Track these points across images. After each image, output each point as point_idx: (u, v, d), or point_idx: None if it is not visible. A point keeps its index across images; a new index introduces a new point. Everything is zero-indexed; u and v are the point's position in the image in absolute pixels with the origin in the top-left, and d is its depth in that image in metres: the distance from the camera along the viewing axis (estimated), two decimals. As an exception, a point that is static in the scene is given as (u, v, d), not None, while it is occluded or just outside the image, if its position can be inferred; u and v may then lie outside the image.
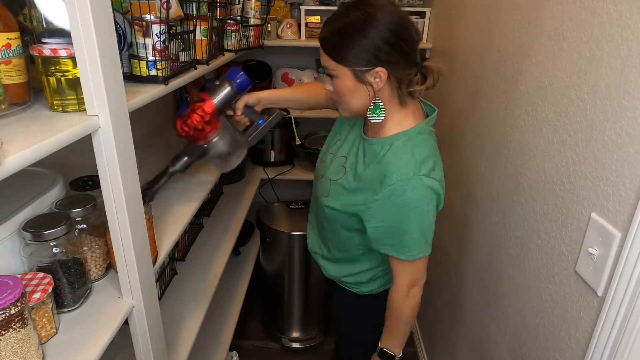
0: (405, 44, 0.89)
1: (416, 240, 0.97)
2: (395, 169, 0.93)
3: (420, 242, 0.97)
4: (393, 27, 0.87)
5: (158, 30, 0.89)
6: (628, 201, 0.71)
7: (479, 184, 1.38)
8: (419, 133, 0.98)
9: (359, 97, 0.93)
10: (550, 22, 0.97)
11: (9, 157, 0.53)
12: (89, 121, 0.68)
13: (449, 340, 1.66)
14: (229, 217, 1.84)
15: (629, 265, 0.69)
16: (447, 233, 1.71)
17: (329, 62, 0.92)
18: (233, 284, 1.95)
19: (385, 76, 0.90)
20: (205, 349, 1.60)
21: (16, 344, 0.65)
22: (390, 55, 0.88)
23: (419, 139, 0.97)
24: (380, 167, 0.96)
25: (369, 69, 0.89)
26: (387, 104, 0.95)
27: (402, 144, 0.96)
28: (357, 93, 0.93)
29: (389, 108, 0.96)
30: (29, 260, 0.77)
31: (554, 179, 0.94)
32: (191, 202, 1.22)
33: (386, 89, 0.93)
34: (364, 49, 0.87)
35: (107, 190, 0.75)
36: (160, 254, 0.97)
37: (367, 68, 0.89)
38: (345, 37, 0.88)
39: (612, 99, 0.76)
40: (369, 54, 0.87)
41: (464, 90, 1.57)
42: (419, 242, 0.97)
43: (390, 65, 0.89)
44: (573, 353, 0.86)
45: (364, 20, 0.86)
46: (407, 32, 0.90)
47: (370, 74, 0.90)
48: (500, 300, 1.20)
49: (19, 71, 0.68)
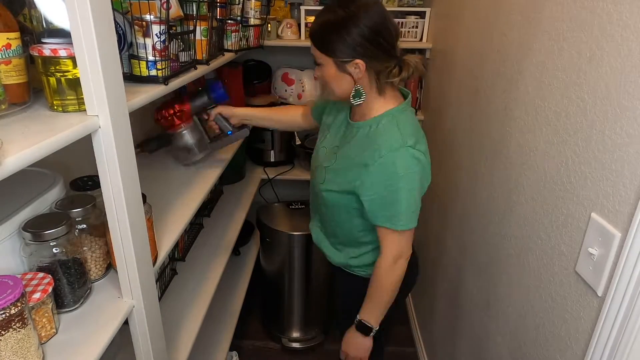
0: (384, 41, 1.00)
1: (405, 210, 1.05)
2: (383, 143, 1.03)
3: (409, 212, 1.05)
4: (373, 26, 0.98)
5: (158, 30, 0.89)
6: (628, 201, 0.71)
7: (479, 184, 1.38)
8: (400, 111, 1.08)
9: (341, 84, 1.06)
10: (550, 22, 0.97)
11: (9, 157, 0.53)
12: (89, 121, 0.68)
13: (449, 340, 1.66)
14: (229, 217, 1.84)
15: (629, 265, 0.69)
16: (447, 233, 1.71)
17: (316, 51, 1.05)
18: (233, 284, 1.95)
19: (364, 68, 1.01)
20: (205, 349, 1.60)
21: (16, 344, 0.65)
22: (369, 49, 1.00)
23: (402, 116, 1.07)
24: (369, 143, 1.06)
25: (349, 61, 1.01)
26: (368, 91, 1.07)
27: (388, 121, 1.06)
28: (339, 80, 1.05)
29: (370, 95, 1.07)
30: (29, 260, 0.77)
31: (554, 179, 0.94)
32: (191, 202, 1.22)
33: (365, 78, 1.04)
34: (345, 43, 0.99)
35: (107, 190, 0.75)
36: (160, 254, 0.97)
37: (347, 59, 1.01)
38: (330, 31, 1.00)
39: (612, 99, 0.76)
40: (350, 47, 0.99)
41: (464, 90, 1.57)
42: (408, 212, 1.05)
43: (369, 58, 1.01)
44: (573, 353, 0.86)
45: (348, 17, 0.98)
46: (386, 30, 1.00)
47: (350, 64, 1.01)
48: (500, 300, 1.20)
49: (19, 71, 0.68)
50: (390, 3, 2.16)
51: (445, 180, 1.76)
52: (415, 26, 2.13)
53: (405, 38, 2.16)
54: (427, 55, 2.14)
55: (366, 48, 0.99)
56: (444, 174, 1.79)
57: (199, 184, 1.33)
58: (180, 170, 1.42)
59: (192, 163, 1.39)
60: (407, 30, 2.15)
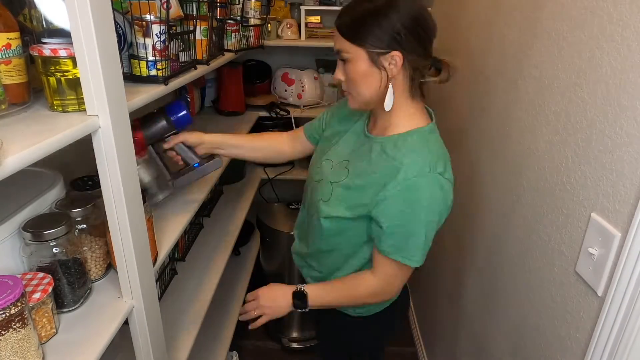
0: (424, 33, 0.89)
1: (423, 245, 0.93)
2: (412, 164, 0.90)
3: (422, 248, 0.94)
4: (414, 15, 0.87)
5: (158, 30, 0.88)
6: (628, 201, 0.71)
7: (479, 184, 1.38)
8: (431, 132, 0.96)
9: (371, 83, 0.91)
10: (550, 22, 0.97)
11: (9, 157, 0.53)
12: (89, 121, 0.68)
13: (449, 340, 1.66)
14: (229, 217, 1.84)
15: (629, 265, 0.69)
16: (447, 233, 1.71)
17: (344, 44, 0.90)
18: (233, 284, 1.94)
19: (401, 62, 0.88)
20: (205, 349, 1.60)
21: (16, 344, 0.65)
22: (408, 40, 0.87)
23: (432, 138, 0.96)
24: (394, 163, 0.92)
25: (386, 52, 0.88)
26: (399, 94, 0.93)
27: (417, 140, 0.94)
28: (369, 78, 0.91)
29: (400, 100, 0.94)
30: (29, 260, 0.77)
31: (554, 179, 0.94)
32: (191, 202, 1.22)
33: (400, 76, 0.91)
34: (383, 30, 0.86)
35: (107, 190, 0.75)
36: (160, 254, 0.97)
37: (383, 50, 0.88)
38: (366, 18, 0.87)
39: (612, 99, 0.76)
40: (388, 35, 0.86)
41: (464, 91, 1.57)
42: (420, 248, 0.93)
43: (407, 51, 0.88)
44: (573, 353, 0.86)
45: (387, 4, 0.87)
46: (426, 22, 0.90)
47: (386, 57, 0.88)
48: (500, 300, 1.20)
49: (19, 71, 0.68)
50: (390, 3, 2.16)
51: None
52: (415, 26, 2.13)
53: (405, 38, 2.16)
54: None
55: (405, 38, 0.87)
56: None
57: (198, 184, 1.33)
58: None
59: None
60: (407, 30, 2.15)
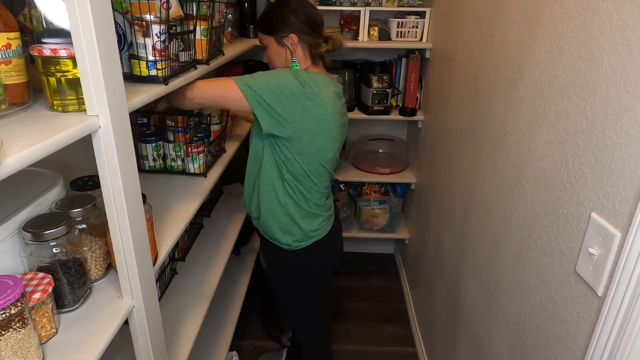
0: (309, 19, 1.28)
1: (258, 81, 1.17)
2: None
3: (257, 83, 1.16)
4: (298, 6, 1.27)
5: (158, 30, 0.89)
6: (628, 201, 0.71)
7: (479, 184, 1.38)
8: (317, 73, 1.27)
9: (281, 57, 1.31)
10: (550, 22, 0.97)
11: (9, 157, 0.53)
12: (89, 121, 0.68)
13: (449, 340, 1.66)
14: (229, 217, 1.84)
15: (629, 265, 0.69)
16: (447, 233, 1.71)
17: (261, 36, 1.32)
18: (233, 284, 1.95)
19: (296, 40, 1.27)
20: (205, 349, 1.60)
21: (16, 344, 0.65)
22: (298, 25, 1.26)
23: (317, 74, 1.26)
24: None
25: (285, 35, 1.27)
26: (302, 62, 1.31)
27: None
28: (279, 54, 1.31)
29: (304, 66, 1.31)
30: (29, 260, 0.77)
31: (554, 179, 0.94)
32: (191, 202, 1.22)
33: (299, 50, 1.30)
34: (280, 21, 1.27)
35: (107, 190, 0.75)
36: (160, 254, 0.97)
37: (283, 35, 1.27)
38: (270, 15, 1.29)
39: (612, 99, 0.76)
40: (284, 24, 1.27)
41: (464, 90, 1.57)
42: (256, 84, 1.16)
43: (299, 32, 1.27)
44: (573, 353, 0.86)
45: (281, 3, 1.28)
46: (310, 11, 1.28)
47: (287, 39, 1.27)
48: (500, 300, 1.20)
49: (19, 71, 0.68)
50: (390, 3, 2.16)
51: (445, 180, 1.76)
52: (415, 26, 2.13)
53: (405, 38, 2.16)
54: (427, 55, 2.14)
55: (295, 24, 1.26)
56: (443, 174, 1.79)
57: (199, 184, 1.33)
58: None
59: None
60: (407, 30, 2.14)
